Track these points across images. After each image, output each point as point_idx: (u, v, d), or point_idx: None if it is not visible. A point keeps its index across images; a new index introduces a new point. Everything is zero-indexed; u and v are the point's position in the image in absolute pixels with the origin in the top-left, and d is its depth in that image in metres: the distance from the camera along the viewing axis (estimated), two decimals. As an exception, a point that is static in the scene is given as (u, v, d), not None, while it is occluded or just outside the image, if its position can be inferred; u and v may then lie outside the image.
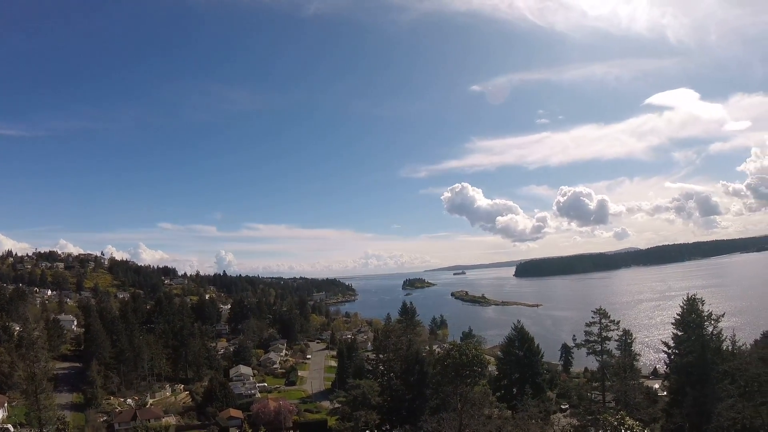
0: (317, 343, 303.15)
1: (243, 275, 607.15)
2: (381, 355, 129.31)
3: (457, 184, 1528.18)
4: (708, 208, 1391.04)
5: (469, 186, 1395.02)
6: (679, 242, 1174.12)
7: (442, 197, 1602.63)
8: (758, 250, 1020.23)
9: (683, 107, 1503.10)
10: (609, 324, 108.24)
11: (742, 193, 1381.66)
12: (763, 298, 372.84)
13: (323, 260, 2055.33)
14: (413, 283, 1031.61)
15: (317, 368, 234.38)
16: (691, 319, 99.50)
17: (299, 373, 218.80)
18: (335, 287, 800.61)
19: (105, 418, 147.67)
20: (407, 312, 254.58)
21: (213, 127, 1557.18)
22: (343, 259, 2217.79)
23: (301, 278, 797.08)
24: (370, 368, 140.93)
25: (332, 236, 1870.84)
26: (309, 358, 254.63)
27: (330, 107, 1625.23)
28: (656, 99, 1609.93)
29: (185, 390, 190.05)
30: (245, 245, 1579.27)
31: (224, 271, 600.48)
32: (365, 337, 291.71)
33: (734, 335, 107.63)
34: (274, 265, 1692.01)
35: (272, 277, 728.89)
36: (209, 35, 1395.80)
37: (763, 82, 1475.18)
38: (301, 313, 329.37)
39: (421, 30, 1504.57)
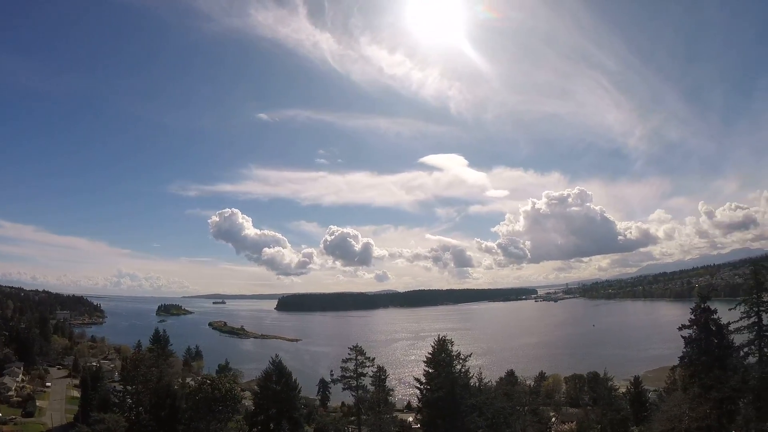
0: (58, 369, 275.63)
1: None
2: (129, 387, 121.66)
3: (227, 209, 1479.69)
4: (462, 260, 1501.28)
5: (240, 213, 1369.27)
6: (434, 288, 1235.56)
7: (209, 220, 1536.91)
8: (504, 300, 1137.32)
9: (452, 170, 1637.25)
10: (364, 360, 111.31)
11: (494, 250, 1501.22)
12: (505, 341, 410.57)
13: (71, 274, 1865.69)
14: (169, 310, 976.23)
15: (58, 398, 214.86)
16: (442, 357, 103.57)
17: (38, 403, 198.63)
18: (82, 306, 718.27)
19: None
20: (160, 340, 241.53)
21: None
22: (93, 275, 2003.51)
23: (44, 291, 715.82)
24: (117, 401, 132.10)
25: (84, 247, 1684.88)
26: (49, 386, 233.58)
27: (107, 102, 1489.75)
28: (429, 159, 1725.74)
29: None
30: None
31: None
32: (112, 365, 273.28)
33: (481, 373, 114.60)
34: (15, 272, 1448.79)
35: (11, 286, 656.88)
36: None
37: (524, 159, 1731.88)
38: (42, 333, 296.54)
39: (223, 46, 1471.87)
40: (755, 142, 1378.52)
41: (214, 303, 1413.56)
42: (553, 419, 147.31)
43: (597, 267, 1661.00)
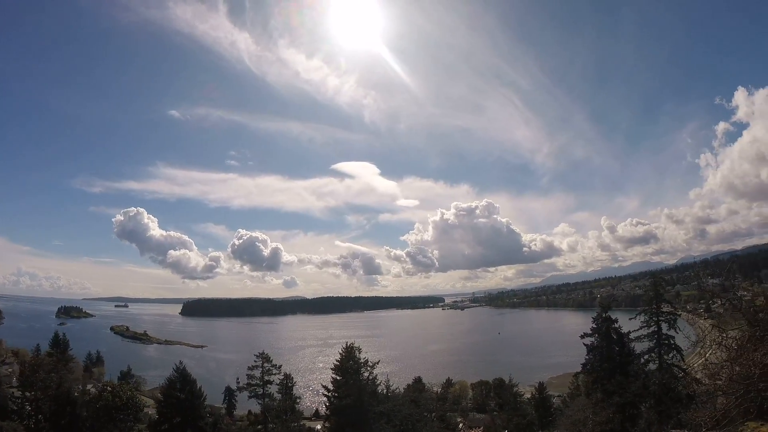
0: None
1: None
2: (28, 393, 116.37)
3: (132, 208, 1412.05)
4: (371, 268, 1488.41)
5: (145, 213, 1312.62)
6: (343, 295, 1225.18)
7: (113, 219, 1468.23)
8: (412, 308, 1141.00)
9: (363, 178, 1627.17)
10: (271, 368, 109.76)
11: (402, 258, 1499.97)
12: (413, 348, 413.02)
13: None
14: (69, 312, 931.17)
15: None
16: (349, 365, 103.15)
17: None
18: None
19: None
20: (59, 344, 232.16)
21: None
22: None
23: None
24: (16, 408, 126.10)
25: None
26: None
27: (7, 86, 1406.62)
28: (341, 166, 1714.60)
29: None
30: None
31: None
32: (10, 369, 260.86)
33: (389, 380, 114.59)
34: None
35: None
36: None
37: (434, 171, 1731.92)
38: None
39: (137, 37, 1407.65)
40: (657, 163, 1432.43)
41: (116, 306, 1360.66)
42: (461, 425, 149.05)
43: (503, 277, 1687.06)
